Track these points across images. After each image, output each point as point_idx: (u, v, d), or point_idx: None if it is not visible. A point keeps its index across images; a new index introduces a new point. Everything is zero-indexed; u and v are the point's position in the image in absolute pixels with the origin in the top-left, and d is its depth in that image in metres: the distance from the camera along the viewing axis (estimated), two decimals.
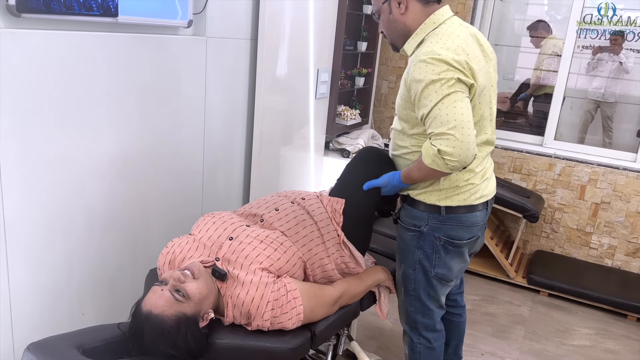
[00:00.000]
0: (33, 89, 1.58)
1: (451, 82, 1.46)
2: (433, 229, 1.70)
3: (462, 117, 1.45)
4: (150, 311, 1.31)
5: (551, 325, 2.93)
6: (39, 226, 1.69)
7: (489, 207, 1.75)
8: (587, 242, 3.52)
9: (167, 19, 2.02)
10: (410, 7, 1.60)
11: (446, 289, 1.82)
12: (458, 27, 1.59)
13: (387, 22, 1.66)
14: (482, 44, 1.64)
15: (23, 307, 1.70)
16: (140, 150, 2.01)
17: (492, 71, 1.66)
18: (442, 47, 1.50)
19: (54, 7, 1.58)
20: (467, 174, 1.65)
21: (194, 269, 1.39)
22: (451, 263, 1.74)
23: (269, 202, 1.74)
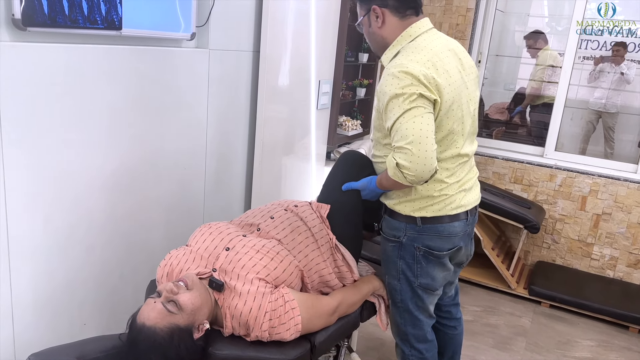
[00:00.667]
0: (38, 102, 1.60)
1: (413, 97, 1.49)
2: (411, 239, 1.71)
3: (421, 132, 1.47)
4: (144, 323, 1.32)
5: (553, 337, 2.92)
6: (42, 237, 1.71)
7: (469, 216, 1.74)
8: (589, 253, 3.52)
9: (171, 31, 2.05)
10: (387, 20, 1.64)
11: (433, 298, 1.82)
12: (434, 41, 1.62)
13: (367, 34, 1.73)
14: (460, 57, 1.65)
15: (25, 317, 1.71)
16: (143, 161, 2.03)
17: (471, 85, 1.67)
18: (411, 60, 1.53)
19: (59, 21, 1.61)
20: (438, 184, 1.65)
21: (188, 280, 1.40)
22: (433, 272, 1.74)
23: (263, 211, 1.76)
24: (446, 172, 1.66)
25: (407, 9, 1.63)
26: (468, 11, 3.63)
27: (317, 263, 1.66)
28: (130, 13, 1.83)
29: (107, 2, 1.74)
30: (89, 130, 1.78)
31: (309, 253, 1.66)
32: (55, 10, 1.58)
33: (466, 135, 1.68)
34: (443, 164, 1.64)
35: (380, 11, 1.63)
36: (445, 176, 1.66)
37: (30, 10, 1.51)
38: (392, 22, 1.64)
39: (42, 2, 1.54)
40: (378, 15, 1.64)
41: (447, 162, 1.65)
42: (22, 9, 1.49)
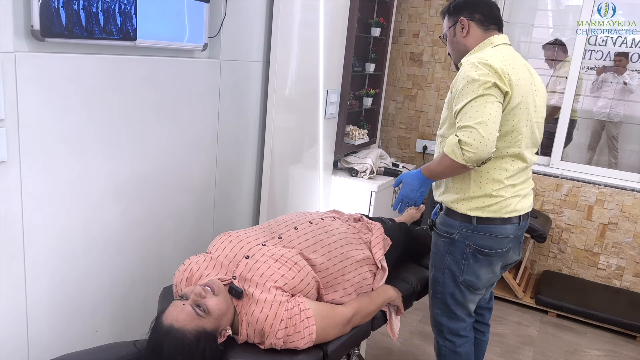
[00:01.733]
0: (54, 110, 1.62)
1: (488, 85, 1.62)
2: (464, 237, 1.81)
3: (490, 116, 1.60)
4: (172, 325, 1.33)
5: (560, 347, 2.92)
6: (57, 244, 1.73)
7: (521, 221, 1.83)
8: (595, 262, 3.52)
9: (183, 42, 2.08)
10: (472, 31, 1.82)
11: (474, 297, 1.90)
12: (512, 52, 1.77)
13: (451, 43, 1.89)
14: (532, 73, 1.81)
15: (39, 324, 1.72)
16: (155, 169, 2.05)
17: (539, 100, 1.81)
18: (491, 56, 1.69)
19: (76, 32, 1.63)
20: (496, 184, 1.75)
21: (214, 286, 1.42)
22: (479, 271, 1.83)
23: (287, 221, 1.78)
24: (505, 172, 1.75)
25: (491, 24, 1.82)
26: None
27: (335, 277, 1.68)
28: (145, 24, 1.86)
29: (122, 14, 1.77)
30: (103, 139, 1.80)
31: (330, 267, 1.67)
32: (72, 21, 1.61)
33: (530, 142, 1.79)
34: (503, 163, 1.75)
35: (466, 23, 1.81)
36: (504, 177, 1.75)
37: (49, 21, 1.54)
38: (475, 33, 1.82)
39: (60, 13, 1.57)
40: (464, 27, 1.82)
41: (507, 162, 1.75)
42: (41, 20, 1.52)
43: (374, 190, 3.16)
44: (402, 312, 1.89)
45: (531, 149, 1.82)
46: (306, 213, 1.87)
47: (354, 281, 1.73)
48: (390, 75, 3.96)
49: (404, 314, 1.92)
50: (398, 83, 3.99)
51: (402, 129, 4.05)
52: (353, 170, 3.29)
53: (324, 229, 1.75)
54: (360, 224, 2.01)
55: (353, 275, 1.73)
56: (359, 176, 3.27)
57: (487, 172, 1.76)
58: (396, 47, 3.92)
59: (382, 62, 3.67)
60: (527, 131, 1.77)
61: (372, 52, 3.60)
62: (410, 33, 3.87)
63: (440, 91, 3.86)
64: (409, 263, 2.18)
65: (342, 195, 3.27)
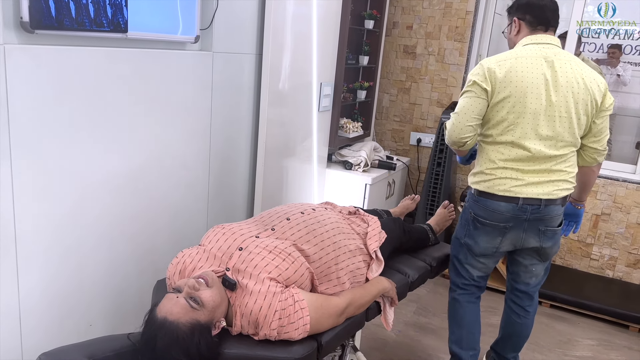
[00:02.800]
0: (45, 103, 1.61)
1: (470, 83, 1.94)
2: (470, 205, 2.10)
3: (463, 108, 1.93)
4: (166, 318, 1.33)
5: (553, 337, 2.94)
6: (49, 239, 1.72)
7: (522, 204, 1.95)
8: (588, 253, 3.54)
9: (175, 34, 2.07)
10: (522, 30, 2.03)
11: (474, 262, 2.15)
12: (534, 50, 1.92)
13: (508, 38, 2.13)
14: (557, 70, 1.89)
15: (32, 318, 1.72)
16: (147, 162, 2.04)
17: (563, 94, 1.88)
18: (492, 58, 1.96)
19: (66, 24, 1.62)
20: (490, 163, 1.99)
21: (208, 278, 1.42)
22: (477, 238, 2.08)
23: (279, 212, 1.78)
24: (500, 155, 1.96)
25: (539, 25, 1.99)
26: (467, 14, 3.66)
27: (329, 267, 1.68)
28: (136, 16, 1.84)
29: (113, 5, 1.76)
30: (95, 132, 1.79)
31: (324, 256, 1.68)
32: (62, 13, 1.60)
33: (532, 134, 1.91)
34: (499, 148, 1.96)
35: (518, 22, 2.03)
36: (498, 159, 1.96)
37: (38, 13, 1.53)
38: (524, 32, 2.02)
39: (49, 5, 1.56)
40: (516, 26, 2.04)
41: (503, 147, 1.95)
42: (30, 12, 1.51)
43: (368, 183, 3.17)
44: (396, 303, 1.89)
45: (540, 140, 1.91)
46: (297, 204, 1.87)
47: (348, 270, 1.73)
48: (384, 67, 3.96)
49: (398, 305, 1.93)
50: (392, 76, 3.98)
51: (396, 122, 4.05)
52: (347, 163, 3.29)
53: (316, 219, 1.75)
54: (355, 216, 2.01)
55: (347, 264, 1.73)
56: (353, 169, 3.27)
57: (486, 153, 2.00)
58: (390, 40, 3.92)
59: (376, 54, 3.67)
60: (525, 122, 1.89)
61: (365, 44, 3.59)
62: (404, 25, 3.86)
63: (434, 84, 3.86)
64: (403, 255, 2.19)
65: (337, 188, 3.27)
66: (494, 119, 1.93)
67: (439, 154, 3.47)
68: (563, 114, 1.89)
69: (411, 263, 2.14)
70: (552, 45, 1.95)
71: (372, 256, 1.86)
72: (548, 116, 1.89)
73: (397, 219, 2.23)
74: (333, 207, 2.04)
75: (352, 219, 1.95)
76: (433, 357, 2.63)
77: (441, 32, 3.76)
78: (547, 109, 1.88)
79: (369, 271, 1.84)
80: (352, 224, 1.92)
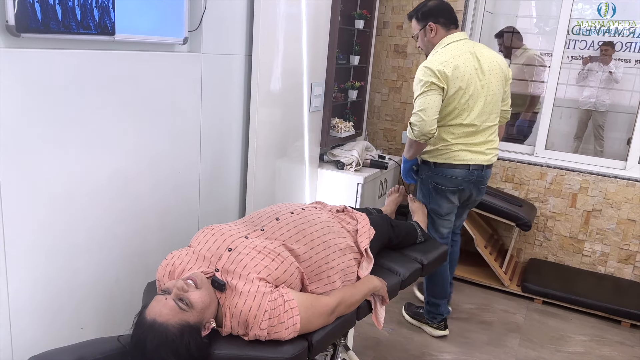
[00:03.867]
0: (32, 106, 1.61)
1: (428, 84, 2.27)
2: (429, 176, 2.53)
3: (428, 104, 2.27)
4: (155, 320, 1.33)
5: (546, 333, 2.96)
6: (38, 241, 1.72)
7: (472, 169, 2.47)
8: (580, 249, 3.56)
9: (163, 36, 2.07)
10: (438, 32, 2.40)
11: (442, 222, 2.61)
12: (459, 47, 2.35)
13: (422, 41, 2.47)
14: (480, 59, 2.36)
15: (22, 321, 1.72)
16: (138, 165, 2.04)
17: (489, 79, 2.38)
18: (434, 60, 2.30)
19: (53, 27, 1.62)
20: (444, 142, 2.43)
21: (197, 279, 1.42)
22: (440, 202, 2.55)
23: (269, 212, 1.78)
24: (452, 135, 2.41)
25: (451, 25, 2.41)
26: (457, 13, 3.67)
27: (319, 265, 1.69)
28: (123, 18, 1.84)
29: (100, 8, 1.76)
30: (83, 135, 1.79)
31: (313, 255, 1.68)
32: (48, 16, 1.60)
33: (475, 112, 2.38)
34: (450, 129, 2.40)
35: (434, 26, 2.39)
36: (450, 138, 2.42)
37: (24, 16, 1.53)
38: (441, 34, 2.40)
39: (35, 8, 1.55)
40: (432, 29, 2.40)
41: (453, 128, 2.40)
42: (16, 15, 1.51)
43: (360, 183, 3.18)
44: (387, 302, 1.90)
45: (486, 115, 2.41)
46: (287, 204, 1.88)
47: (338, 269, 1.74)
48: (375, 67, 3.97)
49: (389, 304, 1.93)
50: (383, 75, 3.99)
51: (388, 121, 4.06)
52: (339, 163, 3.30)
53: (305, 219, 1.76)
54: (344, 214, 2.02)
55: (337, 262, 1.74)
56: (345, 169, 3.28)
57: (439, 135, 2.41)
58: (380, 39, 3.93)
59: (367, 54, 3.68)
60: (470, 106, 2.36)
61: (356, 44, 3.60)
62: (394, 25, 3.87)
63: None
64: (394, 252, 2.19)
65: (329, 188, 3.28)
66: (446, 109, 2.35)
67: None
68: (491, 92, 2.39)
69: (402, 261, 2.15)
70: (467, 40, 2.39)
71: (363, 253, 1.86)
72: (484, 97, 2.37)
73: (384, 215, 2.25)
74: (323, 206, 2.05)
75: (341, 217, 1.96)
76: (426, 355, 2.64)
77: None
78: (481, 91, 2.36)
79: (359, 269, 1.85)
80: (341, 221, 1.92)
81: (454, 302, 3.19)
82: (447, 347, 2.72)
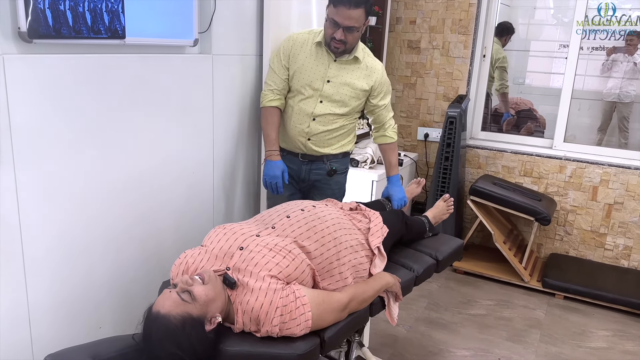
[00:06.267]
0: (46, 111, 1.65)
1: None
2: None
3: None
4: (159, 311, 1.36)
5: (567, 328, 2.91)
6: (56, 243, 1.75)
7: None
8: (602, 243, 3.49)
9: (173, 38, 2.09)
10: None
11: None
12: None
13: (358, 37, 2.24)
14: None
15: (42, 321, 1.75)
16: (152, 166, 2.07)
17: None
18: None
19: (64, 32, 1.65)
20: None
21: (205, 275, 1.44)
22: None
23: (279, 210, 1.79)
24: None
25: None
26: (470, 6, 3.64)
27: (330, 262, 1.69)
28: (133, 22, 1.87)
29: (110, 12, 1.78)
30: (97, 138, 1.82)
31: (324, 252, 1.69)
32: (59, 22, 1.63)
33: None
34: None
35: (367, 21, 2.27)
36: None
37: (35, 22, 1.56)
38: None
39: (46, 14, 1.59)
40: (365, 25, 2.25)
41: None
42: (28, 22, 1.54)
43: (374, 180, 3.17)
44: (400, 299, 1.89)
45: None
46: (297, 202, 1.89)
47: (350, 265, 1.74)
48: (388, 63, 3.95)
49: (402, 300, 1.92)
50: (397, 71, 3.98)
51: (403, 118, 4.04)
52: (354, 160, 3.29)
53: (316, 216, 1.76)
54: (356, 212, 2.02)
55: (348, 259, 1.74)
56: (359, 166, 3.27)
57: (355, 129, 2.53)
58: (393, 36, 3.91)
59: (380, 50, 3.66)
60: None
61: (369, 41, 3.59)
62: (407, 20, 3.85)
63: (440, 78, 3.84)
64: (406, 248, 2.18)
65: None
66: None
67: (446, 148, 3.46)
68: None
69: (416, 257, 2.14)
70: None
71: (374, 252, 1.86)
72: None
73: (398, 212, 2.23)
74: (334, 204, 2.05)
75: (353, 215, 1.96)
76: (444, 352, 2.62)
77: (445, 26, 3.75)
78: None
79: (372, 266, 1.84)
80: (353, 219, 1.92)
81: (473, 298, 3.17)
82: (465, 344, 2.70)
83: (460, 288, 3.33)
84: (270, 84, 2.34)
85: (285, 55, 2.29)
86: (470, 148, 3.81)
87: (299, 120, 2.33)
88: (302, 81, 2.28)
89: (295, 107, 2.32)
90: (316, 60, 2.26)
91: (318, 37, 2.27)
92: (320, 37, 2.26)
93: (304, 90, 2.28)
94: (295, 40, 2.29)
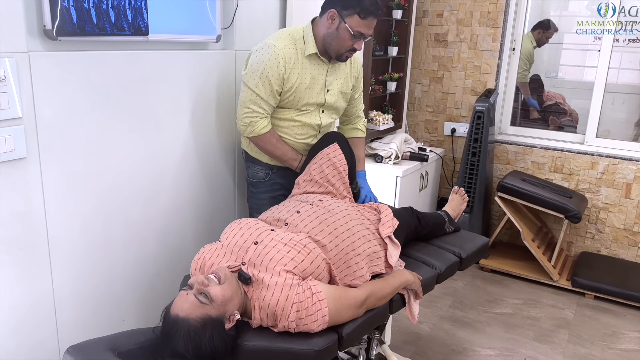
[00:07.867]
0: (71, 107, 1.68)
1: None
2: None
3: None
4: (178, 315, 1.36)
5: (597, 329, 2.83)
6: (80, 236, 1.79)
7: None
8: (636, 242, 3.38)
9: (196, 34, 2.11)
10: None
11: None
12: None
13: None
14: None
15: (67, 313, 1.80)
16: (175, 161, 2.09)
17: None
18: None
19: (88, 29, 1.68)
20: None
21: (220, 274, 1.45)
22: None
23: (288, 206, 1.79)
24: None
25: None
26: None
27: (346, 253, 1.69)
28: (156, 19, 1.89)
29: (133, 9, 1.81)
30: (121, 133, 1.85)
31: (339, 243, 1.69)
32: (83, 19, 1.66)
33: None
34: None
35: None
36: None
37: (60, 20, 1.59)
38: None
39: (71, 12, 1.62)
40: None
41: None
42: (52, 20, 1.57)
43: (399, 176, 3.13)
44: (420, 296, 1.87)
45: None
46: (302, 197, 1.91)
47: (365, 254, 1.74)
48: (414, 57, 3.90)
49: (422, 298, 1.90)
50: (423, 65, 3.92)
51: (429, 112, 3.99)
52: (378, 156, 3.27)
53: (325, 209, 1.77)
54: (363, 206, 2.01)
55: (363, 249, 1.74)
56: (383, 162, 3.24)
57: None
58: (420, 29, 3.85)
59: (405, 44, 3.61)
60: None
61: (394, 34, 3.55)
62: (434, 13, 3.79)
63: (467, 71, 3.77)
64: (429, 245, 2.15)
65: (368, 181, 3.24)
66: None
67: (473, 144, 3.39)
68: None
69: (439, 254, 2.10)
70: None
71: (386, 241, 1.85)
72: None
73: (408, 207, 2.20)
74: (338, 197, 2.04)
75: (360, 207, 1.95)
76: (468, 351, 2.58)
77: (473, 18, 3.67)
78: None
79: (388, 256, 1.83)
80: (361, 210, 1.91)
81: (499, 296, 3.11)
82: (490, 343, 2.65)
83: (486, 286, 3.28)
84: (259, 111, 2.00)
85: (276, 80, 1.96)
86: (499, 143, 3.73)
87: (305, 134, 2.13)
88: (302, 101, 2.06)
89: (298, 120, 2.10)
90: (312, 76, 2.04)
91: (309, 49, 2.02)
92: (311, 49, 2.01)
93: (305, 107, 2.09)
94: (282, 59, 1.96)
